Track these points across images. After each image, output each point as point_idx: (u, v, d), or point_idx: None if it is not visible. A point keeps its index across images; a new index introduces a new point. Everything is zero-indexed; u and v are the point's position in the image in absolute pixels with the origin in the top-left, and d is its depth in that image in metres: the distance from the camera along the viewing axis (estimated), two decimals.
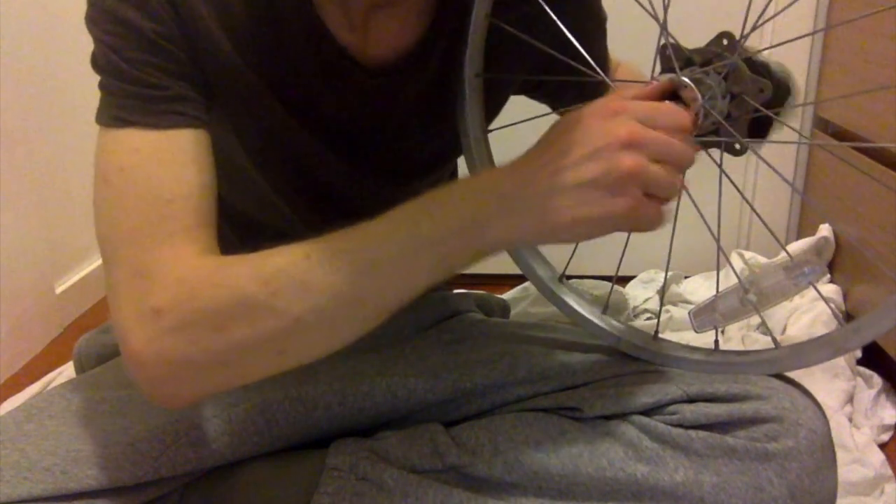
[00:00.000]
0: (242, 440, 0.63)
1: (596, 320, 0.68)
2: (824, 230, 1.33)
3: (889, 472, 0.94)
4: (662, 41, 0.55)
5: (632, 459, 0.59)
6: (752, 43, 0.55)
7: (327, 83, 0.62)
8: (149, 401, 0.53)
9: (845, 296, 1.25)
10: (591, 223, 0.49)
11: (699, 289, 1.38)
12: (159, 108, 0.55)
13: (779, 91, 0.55)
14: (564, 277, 0.69)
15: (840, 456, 0.80)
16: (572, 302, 0.69)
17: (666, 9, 0.54)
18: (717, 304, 0.62)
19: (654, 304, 1.35)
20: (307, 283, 0.50)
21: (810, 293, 1.23)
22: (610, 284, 1.34)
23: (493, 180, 0.52)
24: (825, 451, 0.59)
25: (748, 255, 1.38)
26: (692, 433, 0.59)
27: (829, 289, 1.26)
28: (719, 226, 0.60)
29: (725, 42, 0.53)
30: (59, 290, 1.42)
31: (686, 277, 1.41)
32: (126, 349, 0.51)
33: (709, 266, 1.41)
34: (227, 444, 0.62)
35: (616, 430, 0.61)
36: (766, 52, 0.56)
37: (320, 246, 0.51)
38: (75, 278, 1.47)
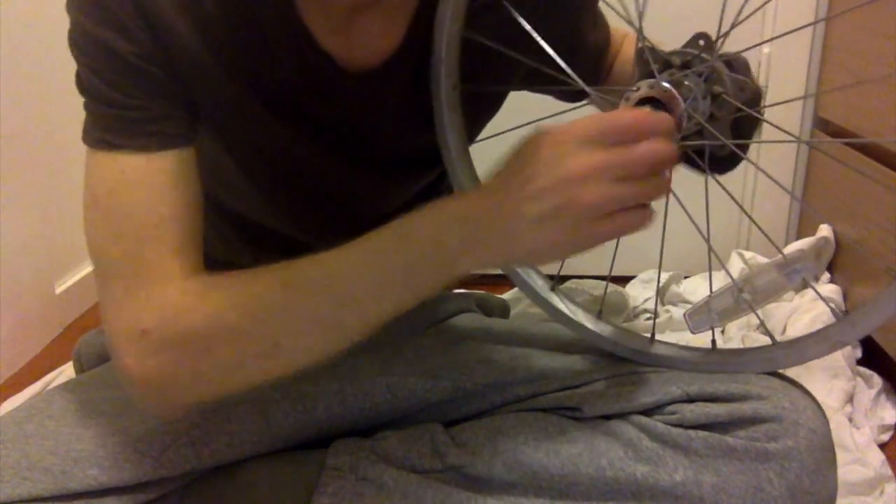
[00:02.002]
0: (242, 440, 0.63)
1: (591, 326, 0.67)
2: (824, 230, 1.33)
3: (889, 472, 0.94)
4: (639, 45, 0.54)
5: (631, 459, 0.59)
6: (735, 38, 0.54)
7: (310, 87, 0.61)
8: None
9: (845, 296, 1.25)
10: (562, 248, 0.49)
11: (699, 289, 1.38)
12: (143, 130, 0.55)
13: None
14: (557, 284, 0.69)
15: (840, 456, 0.79)
16: (566, 310, 0.68)
17: (641, 13, 0.53)
18: (712, 303, 0.62)
19: (653, 304, 1.35)
20: (285, 310, 0.53)
21: (810, 293, 1.23)
22: (613, 286, 1.35)
23: (461, 208, 0.52)
24: (825, 451, 0.59)
25: (748, 255, 1.38)
26: (692, 433, 0.59)
27: (829, 289, 1.26)
28: (709, 227, 0.60)
29: (702, 43, 0.52)
30: (59, 290, 1.42)
31: (686, 277, 1.42)
32: (117, 365, 0.54)
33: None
34: (226, 443, 0.62)
35: (616, 430, 0.61)
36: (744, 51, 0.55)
37: (297, 274, 0.53)
38: (75, 278, 1.47)
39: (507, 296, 1.33)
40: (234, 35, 0.57)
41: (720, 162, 0.56)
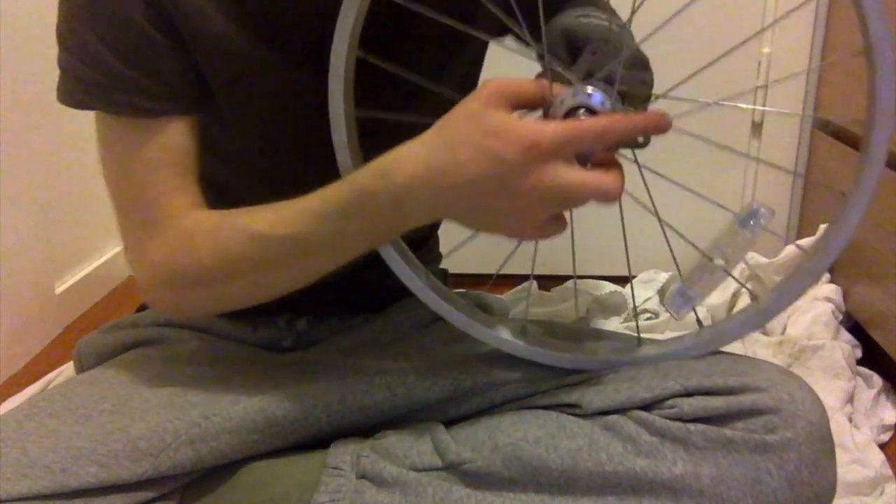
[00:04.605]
0: (242, 438, 0.63)
1: (573, 355, 0.66)
2: (824, 230, 1.33)
3: (889, 472, 0.94)
4: (543, 67, 0.56)
5: (631, 454, 0.59)
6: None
7: (307, 8, 0.62)
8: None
9: (845, 295, 1.25)
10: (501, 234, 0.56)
11: None
12: (144, 104, 0.62)
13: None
14: (525, 328, 0.67)
15: (840, 456, 0.79)
16: (544, 348, 0.66)
17: (545, 43, 0.56)
18: (686, 282, 0.63)
19: (653, 304, 1.35)
20: (259, 264, 0.61)
21: (809, 293, 1.24)
22: (613, 286, 1.35)
23: (426, 173, 0.54)
24: (824, 442, 0.58)
25: (749, 255, 1.39)
26: (690, 426, 0.59)
27: (830, 289, 1.27)
28: (662, 227, 0.61)
29: (593, 53, 0.55)
30: (59, 290, 1.42)
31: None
32: (137, 282, 0.67)
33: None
34: (226, 442, 0.62)
35: (615, 425, 0.60)
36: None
37: (268, 235, 0.59)
38: (75, 278, 1.48)
39: (507, 296, 1.34)
40: None
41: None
